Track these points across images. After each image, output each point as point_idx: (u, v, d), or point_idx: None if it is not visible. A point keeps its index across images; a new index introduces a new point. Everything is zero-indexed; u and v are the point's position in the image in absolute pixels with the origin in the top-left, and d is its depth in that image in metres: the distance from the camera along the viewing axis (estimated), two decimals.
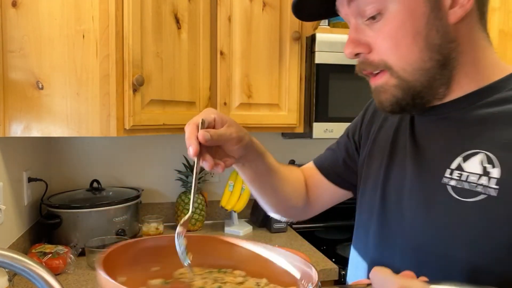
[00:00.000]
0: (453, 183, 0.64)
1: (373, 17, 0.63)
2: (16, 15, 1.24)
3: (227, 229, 1.94)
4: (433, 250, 0.65)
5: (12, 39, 1.24)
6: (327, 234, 1.99)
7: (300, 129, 1.84)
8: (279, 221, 1.92)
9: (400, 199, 0.71)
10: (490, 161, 0.61)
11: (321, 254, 1.65)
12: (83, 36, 1.27)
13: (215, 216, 2.12)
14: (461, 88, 0.66)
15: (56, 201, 1.65)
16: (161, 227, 1.80)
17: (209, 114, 0.74)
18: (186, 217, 0.66)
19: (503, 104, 0.63)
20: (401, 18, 0.62)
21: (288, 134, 2.13)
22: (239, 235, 1.88)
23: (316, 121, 1.75)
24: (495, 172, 0.60)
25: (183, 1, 1.54)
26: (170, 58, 1.49)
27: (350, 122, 1.03)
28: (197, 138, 0.69)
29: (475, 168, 0.62)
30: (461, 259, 0.62)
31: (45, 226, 1.59)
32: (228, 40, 1.70)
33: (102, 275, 0.53)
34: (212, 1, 1.68)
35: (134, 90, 1.33)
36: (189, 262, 0.64)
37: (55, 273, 1.37)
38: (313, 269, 0.60)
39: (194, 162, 0.70)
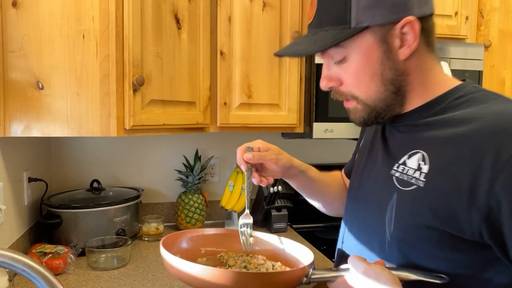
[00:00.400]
0: (397, 174, 0.82)
1: (340, 61, 0.81)
2: (16, 15, 1.24)
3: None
4: (379, 226, 0.83)
5: (12, 39, 1.24)
6: (327, 234, 1.99)
7: (300, 129, 1.84)
8: (279, 221, 1.92)
9: (369, 186, 0.91)
10: (424, 159, 0.77)
11: (321, 254, 1.66)
12: (83, 36, 1.27)
13: (215, 216, 2.12)
14: (413, 104, 0.83)
15: (56, 201, 1.65)
16: (161, 227, 1.81)
17: (255, 143, 1.04)
18: (246, 211, 0.99)
19: (442, 114, 0.79)
20: (360, 64, 0.79)
21: (288, 134, 2.13)
22: None
23: (316, 121, 1.75)
24: (425, 168, 0.76)
25: (183, 1, 1.54)
26: (170, 58, 1.49)
27: (350, 122, 1.09)
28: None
29: (413, 164, 0.79)
30: (394, 235, 0.80)
31: (45, 226, 1.59)
32: (228, 40, 1.70)
33: (162, 250, 0.85)
34: (212, 1, 1.68)
35: (134, 90, 1.33)
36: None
37: (55, 273, 1.38)
38: (310, 253, 0.93)
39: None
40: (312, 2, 0.81)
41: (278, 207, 1.94)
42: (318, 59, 1.72)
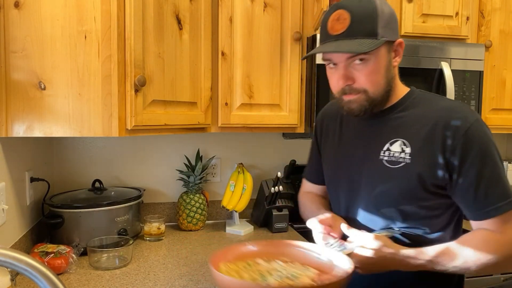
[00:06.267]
0: (386, 158, 1.11)
1: (360, 63, 1.06)
2: (18, 15, 1.24)
3: (228, 229, 1.94)
4: (373, 197, 1.13)
5: (14, 40, 1.25)
6: None
7: (301, 129, 1.84)
8: (280, 221, 1.93)
9: (352, 169, 1.19)
10: (405, 144, 1.09)
11: None
12: (85, 37, 1.27)
13: (216, 216, 2.12)
14: (390, 102, 1.14)
15: (58, 201, 1.66)
16: (162, 227, 1.81)
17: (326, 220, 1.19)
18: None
19: (406, 110, 1.13)
20: (375, 66, 1.06)
21: (289, 134, 2.13)
22: (240, 235, 1.89)
23: None
24: (408, 150, 1.08)
25: (185, 2, 1.54)
26: (172, 58, 1.49)
27: None
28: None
29: (397, 148, 1.10)
30: (380, 200, 1.12)
31: (47, 226, 1.59)
32: (229, 41, 1.70)
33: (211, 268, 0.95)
34: (214, 2, 1.68)
35: (136, 91, 1.34)
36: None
37: (57, 272, 1.38)
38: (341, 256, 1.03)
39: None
40: (340, 18, 1.05)
41: (279, 207, 1.94)
42: (318, 61, 1.72)
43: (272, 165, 2.18)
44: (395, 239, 1.08)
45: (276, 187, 1.89)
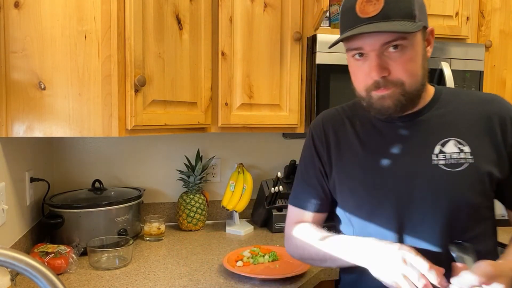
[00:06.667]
0: (442, 162, 0.98)
1: (396, 50, 0.92)
2: (18, 15, 1.24)
3: (228, 229, 1.94)
4: (439, 208, 0.98)
5: (14, 40, 1.25)
6: None
7: (301, 130, 1.84)
8: (280, 221, 1.92)
9: (405, 184, 1.00)
10: (460, 143, 0.99)
11: None
12: (85, 37, 1.27)
13: (216, 216, 2.12)
14: (424, 100, 1.03)
15: (58, 201, 1.66)
16: (162, 227, 1.81)
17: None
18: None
19: (443, 108, 1.03)
20: (412, 54, 0.93)
21: (289, 134, 2.13)
22: (240, 235, 1.89)
23: None
24: (467, 149, 0.98)
25: (185, 2, 1.54)
26: (172, 58, 1.49)
27: None
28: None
29: (452, 149, 0.99)
30: (448, 209, 0.97)
31: (47, 226, 1.59)
32: (229, 41, 1.70)
33: None
34: (214, 2, 1.68)
35: (136, 91, 1.34)
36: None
37: (57, 272, 1.38)
38: None
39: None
40: None
41: (279, 207, 1.94)
42: (319, 61, 1.72)
43: (272, 165, 2.18)
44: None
45: (276, 187, 1.89)
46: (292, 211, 1.18)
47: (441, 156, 0.98)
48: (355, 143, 1.07)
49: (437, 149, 0.99)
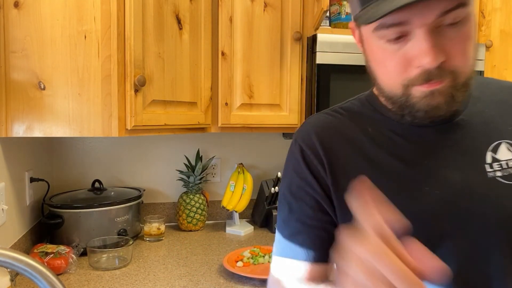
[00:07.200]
0: (499, 173, 0.71)
1: (455, 24, 0.64)
2: (18, 15, 1.24)
3: (228, 229, 1.94)
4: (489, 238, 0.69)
5: (14, 40, 1.24)
6: None
7: None
8: None
9: (459, 208, 0.70)
10: None
11: None
12: (85, 37, 1.27)
13: (216, 216, 2.12)
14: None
15: (58, 201, 1.66)
16: (162, 227, 1.81)
17: None
18: None
19: (476, 105, 0.76)
20: (470, 30, 0.66)
21: (289, 134, 2.13)
22: (240, 235, 1.89)
23: None
24: None
25: (185, 2, 1.54)
26: (172, 58, 1.49)
27: None
28: None
29: (507, 155, 0.72)
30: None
31: (47, 226, 1.59)
32: (229, 41, 1.70)
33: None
34: (214, 2, 1.68)
35: (136, 91, 1.34)
36: None
37: (57, 273, 1.38)
38: None
39: None
40: None
41: None
42: (319, 60, 1.72)
43: (272, 165, 2.18)
44: None
45: (276, 187, 1.89)
46: (284, 264, 0.79)
47: (496, 165, 0.71)
48: (374, 157, 0.75)
49: (488, 157, 0.72)
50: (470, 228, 0.69)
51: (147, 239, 1.79)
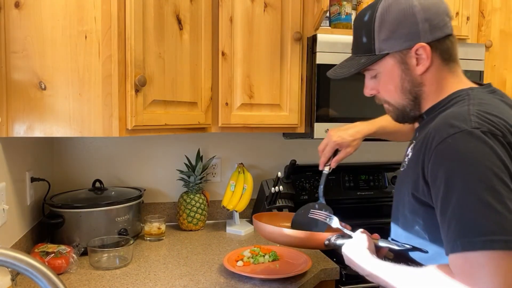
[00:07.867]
0: (406, 159, 1.05)
1: (374, 77, 1.05)
2: (19, 16, 1.24)
3: (228, 229, 1.94)
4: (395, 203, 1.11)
5: (15, 40, 1.25)
6: None
7: (302, 130, 1.84)
8: None
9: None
10: (412, 148, 1.01)
11: (322, 253, 1.66)
12: (86, 37, 1.27)
13: (216, 216, 2.12)
14: (425, 109, 1.03)
15: (59, 201, 1.66)
16: (163, 227, 1.81)
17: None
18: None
19: (435, 116, 0.96)
20: (385, 79, 1.02)
21: (289, 134, 2.13)
22: (240, 235, 1.89)
23: (317, 121, 1.76)
24: (410, 154, 1.00)
25: (185, 2, 1.55)
26: (172, 58, 1.50)
27: (351, 122, 1.13)
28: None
29: (408, 151, 1.04)
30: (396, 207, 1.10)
31: (48, 226, 1.59)
32: (229, 41, 1.71)
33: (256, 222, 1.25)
34: (214, 2, 1.68)
35: (136, 91, 1.34)
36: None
37: (58, 272, 1.38)
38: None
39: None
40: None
41: (279, 206, 1.94)
42: (319, 60, 1.73)
43: (272, 165, 2.18)
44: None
45: (277, 187, 1.89)
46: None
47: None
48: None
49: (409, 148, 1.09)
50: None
51: (148, 238, 1.79)
